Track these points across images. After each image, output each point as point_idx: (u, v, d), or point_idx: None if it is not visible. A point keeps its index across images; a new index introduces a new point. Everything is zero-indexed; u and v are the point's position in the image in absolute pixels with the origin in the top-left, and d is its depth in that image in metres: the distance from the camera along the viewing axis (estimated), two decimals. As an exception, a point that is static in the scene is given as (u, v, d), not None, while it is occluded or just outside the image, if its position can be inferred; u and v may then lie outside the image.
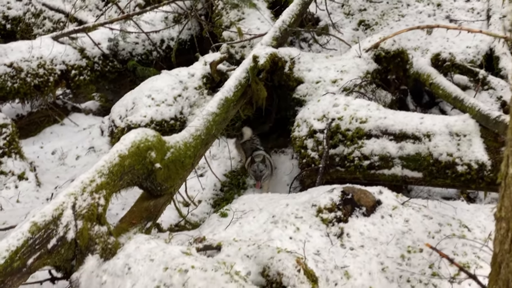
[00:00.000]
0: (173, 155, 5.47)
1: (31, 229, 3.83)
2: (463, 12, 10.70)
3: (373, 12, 10.84)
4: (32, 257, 3.82)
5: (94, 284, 4.05)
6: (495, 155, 5.83)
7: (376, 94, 7.36)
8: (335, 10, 10.87)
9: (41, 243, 3.88)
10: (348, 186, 5.37)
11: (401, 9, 10.93)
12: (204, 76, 8.12)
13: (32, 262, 3.83)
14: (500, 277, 1.80)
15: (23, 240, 3.75)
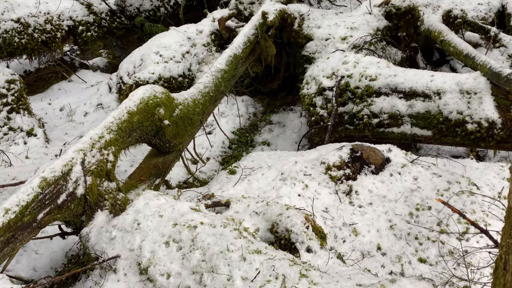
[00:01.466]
0: (181, 112, 5.44)
1: (41, 184, 3.84)
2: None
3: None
4: (42, 212, 3.84)
5: (104, 239, 4.08)
6: (506, 113, 5.78)
7: (386, 52, 7.29)
8: (346, -34, 10.71)
9: (51, 198, 3.89)
10: (357, 143, 5.35)
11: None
12: (212, 33, 8.05)
13: (42, 217, 3.85)
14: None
15: (33, 195, 3.76)
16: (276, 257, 3.67)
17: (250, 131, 7.54)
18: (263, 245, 3.89)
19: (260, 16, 7.01)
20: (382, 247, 4.52)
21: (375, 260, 4.42)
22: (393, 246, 4.54)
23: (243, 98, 7.90)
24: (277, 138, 7.37)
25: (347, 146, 5.27)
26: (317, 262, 4.08)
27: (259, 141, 7.36)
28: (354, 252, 4.45)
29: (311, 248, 4.15)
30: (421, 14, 7.93)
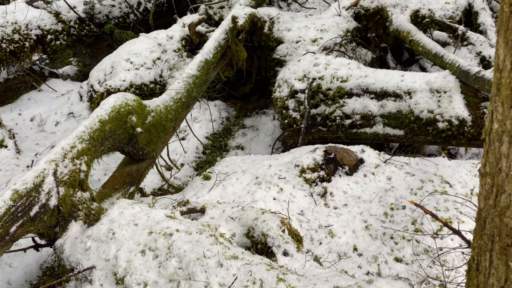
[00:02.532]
0: (154, 119, 5.42)
1: (12, 196, 3.79)
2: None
3: (351, -31, 10.72)
4: (14, 224, 3.79)
5: (79, 250, 4.04)
6: (475, 110, 5.85)
7: (356, 53, 7.33)
8: (313, -32, 10.75)
9: (23, 211, 3.85)
10: (331, 145, 5.38)
11: (379, -34, 10.82)
12: (183, 39, 8.03)
13: (15, 230, 3.80)
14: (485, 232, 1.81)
15: (5, 208, 3.71)
16: (253, 262, 3.67)
17: (224, 135, 7.53)
18: (239, 250, 3.89)
19: (230, 21, 7.01)
20: (358, 247, 4.55)
21: (352, 261, 4.44)
22: (369, 247, 4.56)
23: (215, 103, 7.89)
24: (250, 142, 7.38)
25: (320, 148, 5.29)
26: (294, 266, 4.08)
27: (233, 146, 7.35)
28: (330, 254, 4.47)
29: (288, 252, 4.16)
30: (390, 15, 7.99)
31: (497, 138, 1.58)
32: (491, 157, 1.63)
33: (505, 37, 1.44)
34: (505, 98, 1.49)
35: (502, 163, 1.59)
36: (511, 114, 1.48)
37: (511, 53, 1.42)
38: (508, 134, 1.52)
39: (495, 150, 1.60)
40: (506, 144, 1.54)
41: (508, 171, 1.57)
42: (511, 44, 1.42)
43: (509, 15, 1.39)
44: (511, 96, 1.46)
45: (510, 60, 1.43)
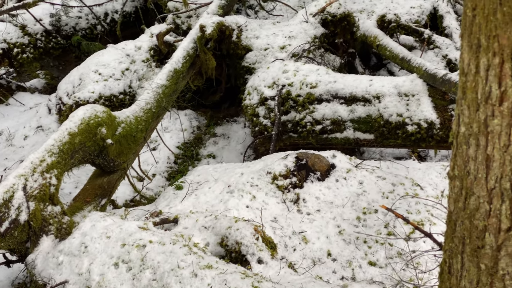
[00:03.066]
0: (124, 130, 5.39)
1: (-18, 214, 3.74)
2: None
3: (315, -23, 10.80)
4: (-15, 242, 3.74)
5: (51, 265, 3.99)
6: (443, 113, 5.93)
7: (325, 59, 7.38)
8: (279, -24, 10.80)
9: (-7, 228, 3.80)
10: (302, 151, 5.39)
11: (345, -28, 10.93)
12: (151, 49, 8.00)
13: (-15, 247, 3.75)
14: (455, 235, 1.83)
15: (-26, 226, 3.66)
16: (228, 271, 3.66)
17: (195, 144, 7.51)
18: (214, 259, 3.88)
19: (198, 30, 7.00)
20: (332, 253, 4.56)
21: (326, 267, 4.45)
22: (343, 251, 4.58)
23: (186, 112, 7.87)
24: (222, 150, 7.37)
25: (292, 154, 5.31)
26: (268, 273, 4.08)
27: (205, 154, 7.33)
28: (305, 260, 4.48)
29: (262, 259, 4.16)
30: (357, 20, 8.06)
31: (465, 141, 1.61)
32: (459, 160, 1.65)
33: (469, 41, 1.46)
34: (471, 102, 1.52)
35: (470, 166, 1.61)
36: (477, 117, 1.51)
37: (475, 57, 1.45)
38: (475, 137, 1.54)
39: (463, 153, 1.62)
40: (474, 147, 1.56)
41: (476, 173, 1.59)
42: (475, 48, 1.44)
43: (472, 19, 1.41)
44: (477, 99, 1.49)
45: (475, 63, 1.46)
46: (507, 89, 1.36)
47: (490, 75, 1.39)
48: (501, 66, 1.35)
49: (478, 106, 1.49)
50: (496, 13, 1.30)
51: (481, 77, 1.43)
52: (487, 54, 1.38)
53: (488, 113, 1.45)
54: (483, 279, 1.72)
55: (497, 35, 1.32)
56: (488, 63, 1.38)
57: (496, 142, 1.46)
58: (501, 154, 1.46)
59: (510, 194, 1.52)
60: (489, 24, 1.34)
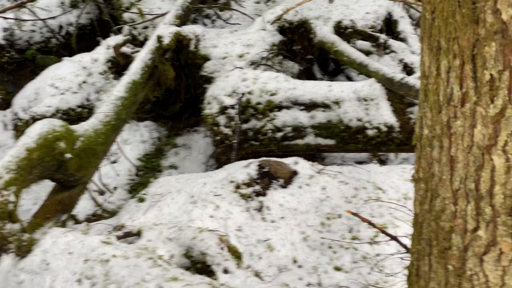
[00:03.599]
0: (83, 143, 5.31)
1: None
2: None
3: (273, -16, 10.86)
4: None
5: (12, 284, 3.90)
6: (402, 116, 6.01)
7: (283, 66, 7.40)
8: (234, -16, 10.83)
9: (-50, 248, 3.70)
10: (264, 159, 5.39)
11: (300, -21, 11.01)
12: (108, 61, 7.91)
13: None
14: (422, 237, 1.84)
15: None
16: (194, 282, 3.63)
17: (156, 156, 7.44)
18: (179, 271, 3.84)
19: (155, 40, 6.95)
20: (298, 259, 4.56)
21: (293, 274, 4.45)
22: (309, 258, 4.59)
23: (146, 123, 7.78)
24: (184, 161, 7.32)
25: (254, 162, 5.30)
26: (235, 283, 4.06)
27: (166, 165, 7.28)
28: (271, 268, 4.47)
29: (228, 269, 4.14)
30: (314, 27, 8.10)
31: (428, 144, 1.62)
32: (424, 163, 1.67)
33: (429, 43, 1.48)
34: (433, 104, 1.53)
35: (434, 168, 1.63)
36: (440, 119, 1.53)
37: (435, 59, 1.47)
38: (438, 139, 1.56)
39: (427, 155, 1.64)
40: (437, 149, 1.58)
41: (440, 175, 1.61)
42: (435, 51, 1.46)
43: (431, 22, 1.43)
44: (438, 101, 1.50)
45: (435, 66, 1.47)
46: (468, 90, 1.38)
47: (451, 77, 1.40)
48: (461, 68, 1.37)
49: (440, 108, 1.50)
50: (455, 15, 1.31)
51: (442, 79, 1.44)
52: (447, 56, 1.40)
53: (450, 114, 1.47)
54: (451, 280, 1.74)
55: (456, 37, 1.34)
56: (448, 65, 1.40)
57: (460, 143, 1.48)
58: (464, 155, 1.48)
59: (475, 195, 1.54)
60: (448, 27, 1.35)
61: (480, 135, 1.41)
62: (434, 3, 1.40)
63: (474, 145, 1.44)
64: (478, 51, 1.29)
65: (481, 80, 1.32)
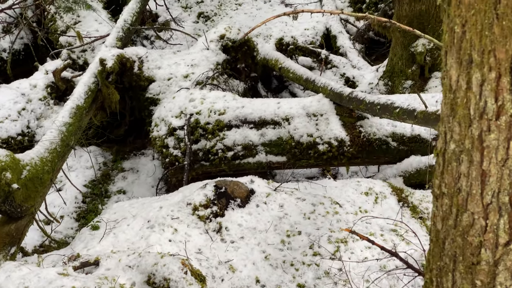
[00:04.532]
0: (30, 173, 5.14)
1: None
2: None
3: (210, 3, 10.92)
4: None
5: (-33, 325, 3.71)
6: (352, 130, 6.06)
7: (229, 84, 7.38)
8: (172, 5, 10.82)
9: None
10: (220, 179, 5.33)
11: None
12: (48, 86, 7.71)
13: None
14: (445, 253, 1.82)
15: None
16: (162, 310, 3.54)
17: (103, 181, 7.27)
18: (144, 299, 3.74)
19: (98, 64, 6.82)
20: (261, 279, 4.51)
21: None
22: (271, 277, 4.54)
23: (90, 148, 7.60)
24: (132, 185, 7.18)
25: (210, 183, 5.23)
26: (202, 307, 3.98)
27: (114, 191, 7.11)
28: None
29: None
30: (256, 44, 8.14)
31: (455, 158, 1.60)
32: (448, 178, 1.65)
33: (457, 57, 1.46)
34: (462, 118, 1.52)
35: (461, 183, 1.61)
36: (470, 133, 1.51)
37: (466, 72, 1.45)
38: (467, 153, 1.54)
39: (453, 170, 1.62)
40: (466, 163, 1.56)
41: (469, 190, 1.59)
42: (465, 64, 1.44)
43: (462, 35, 1.42)
44: (469, 115, 1.49)
45: (465, 80, 1.46)
46: (505, 103, 1.37)
47: (485, 90, 1.39)
48: (497, 81, 1.36)
49: (471, 122, 1.49)
50: (493, 28, 1.30)
51: (473, 93, 1.43)
52: (481, 70, 1.38)
53: (483, 128, 1.45)
54: (479, 296, 1.72)
55: (493, 50, 1.33)
56: (482, 78, 1.39)
57: (493, 157, 1.47)
58: (498, 168, 1.47)
59: (509, 208, 1.53)
60: (483, 39, 1.34)
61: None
62: (466, 17, 1.39)
63: (509, 158, 1.43)
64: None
65: None
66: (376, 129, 6.11)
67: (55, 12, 9.20)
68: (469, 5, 1.36)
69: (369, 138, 6.07)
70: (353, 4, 10.51)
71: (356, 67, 8.92)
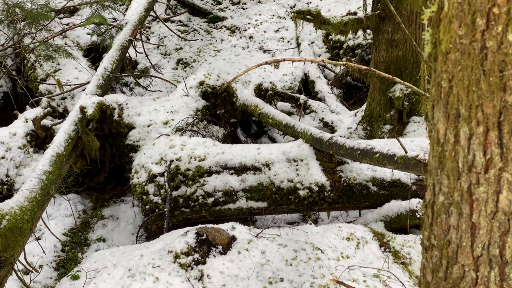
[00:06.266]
0: (9, 222, 5.07)
1: None
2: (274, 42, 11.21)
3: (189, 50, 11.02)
4: None
5: None
6: (332, 175, 6.09)
7: (209, 130, 7.41)
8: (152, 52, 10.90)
9: None
10: (202, 226, 5.31)
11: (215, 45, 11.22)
12: (27, 134, 7.67)
13: None
14: (436, 304, 1.83)
15: None
16: None
17: (83, 229, 7.19)
18: None
19: (78, 111, 6.82)
20: (243, 327, 4.47)
21: None
22: (254, 325, 4.50)
23: (70, 196, 7.54)
24: (112, 233, 7.11)
25: (192, 230, 5.21)
26: None
27: (94, 239, 7.04)
28: None
29: None
30: (235, 90, 8.21)
31: (444, 211, 1.63)
32: (437, 230, 1.67)
33: (445, 111, 1.49)
34: (451, 171, 1.55)
35: (451, 235, 1.63)
36: (458, 186, 1.54)
37: (454, 126, 1.48)
38: (456, 205, 1.56)
39: (442, 223, 1.64)
40: (455, 215, 1.58)
41: (459, 242, 1.61)
42: (453, 118, 1.48)
43: (449, 90, 1.45)
44: (458, 168, 1.51)
45: (453, 133, 1.49)
46: (493, 156, 1.39)
47: (473, 144, 1.42)
48: (485, 135, 1.39)
49: (459, 175, 1.52)
50: (480, 83, 1.34)
51: (461, 146, 1.46)
52: (469, 124, 1.42)
53: (472, 181, 1.48)
54: None
55: (480, 105, 1.36)
56: (470, 132, 1.42)
57: (482, 210, 1.49)
58: (488, 221, 1.49)
59: (499, 261, 1.54)
60: (471, 94, 1.38)
61: (506, 201, 1.42)
62: (452, 72, 1.42)
63: (499, 211, 1.46)
64: (505, 118, 1.32)
65: (508, 147, 1.35)
66: (356, 174, 6.16)
67: (35, 61, 9.21)
68: (456, 61, 1.40)
69: (349, 183, 6.11)
70: (330, 50, 10.67)
71: (335, 112, 9.02)
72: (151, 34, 11.44)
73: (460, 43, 1.34)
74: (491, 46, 1.25)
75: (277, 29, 11.62)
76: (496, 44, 1.24)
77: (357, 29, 7.50)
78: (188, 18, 12.15)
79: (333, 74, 10.16)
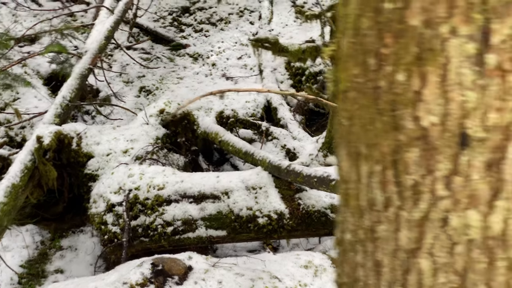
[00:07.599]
0: (-39, 255, 4.97)
1: None
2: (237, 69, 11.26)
3: (152, 78, 11.01)
4: None
5: None
6: (291, 202, 6.09)
7: (169, 159, 7.37)
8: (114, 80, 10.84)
9: None
10: (158, 257, 5.25)
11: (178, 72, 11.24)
12: (-18, 165, 7.55)
13: None
14: None
15: None
16: None
17: (40, 261, 7.07)
18: None
19: (35, 141, 6.74)
20: None
21: None
22: None
23: (27, 227, 7.40)
24: (70, 264, 6.99)
25: (147, 261, 5.15)
26: None
27: (51, 270, 6.91)
28: None
29: None
30: (196, 118, 8.19)
31: (351, 248, 1.62)
32: (347, 267, 1.66)
33: (347, 150, 1.50)
34: (355, 209, 1.55)
35: (359, 273, 1.62)
36: (362, 223, 1.54)
37: (355, 164, 1.48)
38: (362, 243, 1.56)
39: (350, 260, 1.64)
40: (361, 253, 1.58)
41: (366, 280, 1.60)
42: (354, 156, 1.48)
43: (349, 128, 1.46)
44: (360, 206, 1.51)
45: (355, 171, 1.49)
46: (392, 195, 1.39)
47: (373, 182, 1.42)
48: (383, 173, 1.39)
49: (362, 213, 1.52)
50: (375, 122, 1.34)
51: (363, 184, 1.46)
52: (368, 162, 1.42)
53: (373, 219, 1.48)
54: None
55: (377, 143, 1.37)
56: (370, 170, 1.42)
57: (385, 248, 1.49)
58: (390, 259, 1.49)
59: None
60: (368, 133, 1.38)
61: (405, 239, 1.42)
62: (351, 111, 1.43)
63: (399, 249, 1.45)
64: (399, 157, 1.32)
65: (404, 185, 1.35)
66: (314, 201, 6.17)
67: (-7, 89, 9.11)
68: (354, 100, 1.41)
69: (308, 210, 6.11)
70: (293, 77, 10.73)
71: (297, 139, 9.04)
72: (114, 62, 11.40)
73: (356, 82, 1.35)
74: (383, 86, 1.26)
75: (239, 56, 11.68)
76: (387, 84, 1.25)
77: (316, 56, 7.55)
78: (150, 46, 12.15)
79: (296, 101, 10.21)
